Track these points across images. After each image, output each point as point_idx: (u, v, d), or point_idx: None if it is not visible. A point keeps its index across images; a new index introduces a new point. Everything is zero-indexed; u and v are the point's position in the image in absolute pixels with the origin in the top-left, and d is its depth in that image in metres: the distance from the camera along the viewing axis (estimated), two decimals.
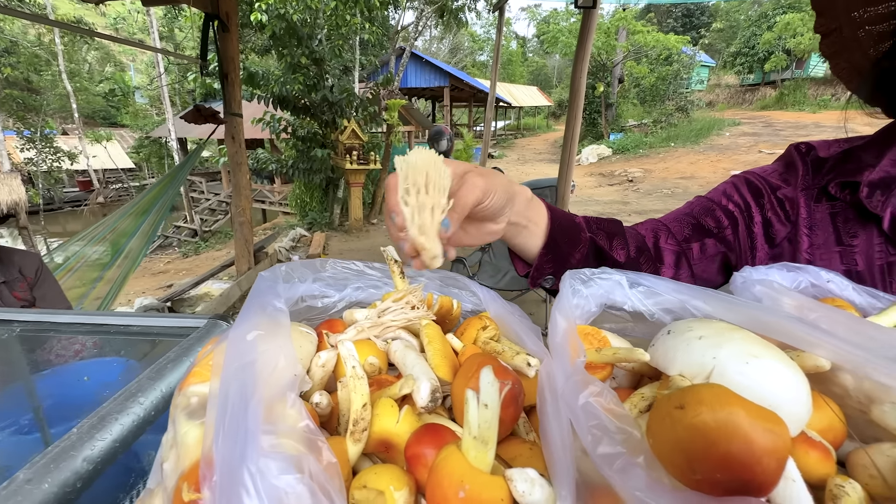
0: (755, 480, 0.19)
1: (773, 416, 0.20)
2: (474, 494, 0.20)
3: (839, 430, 0.30)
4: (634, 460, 0.21)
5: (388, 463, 0.26)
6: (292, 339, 0.28)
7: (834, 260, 0.55)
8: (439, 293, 0.43)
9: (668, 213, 0.68)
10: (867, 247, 0.53)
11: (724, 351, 0.28)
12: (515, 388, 0.27)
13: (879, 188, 0.52)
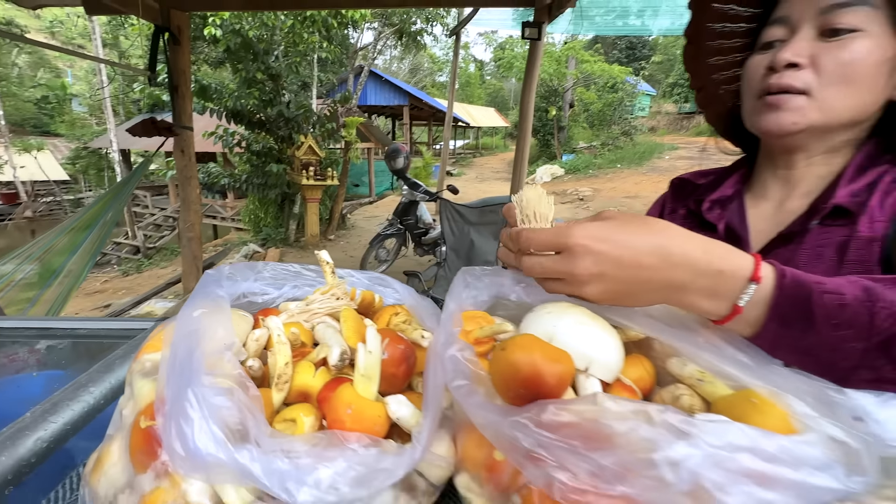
0: (543, 392, 0.28)
1: (560, 354, 0.30)
2: (358, 411, 0.29)
3: (647, 379, 0.41)
4: (476, 388, 0.30)
5: None
6: (231, 318, 0.35)
7: None
8: (365, 289, 0.52)
9: None
10: None
11: (562, 321, 0.39)
12: (407, 350, 0.36)
13: (718, 204, 0.66)
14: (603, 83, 16.39)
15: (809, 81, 0.51)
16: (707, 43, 0.66)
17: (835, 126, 0.53)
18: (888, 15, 0.48)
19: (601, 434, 0.25)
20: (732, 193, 0.66)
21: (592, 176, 13.44)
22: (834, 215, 0.54)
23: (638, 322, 0.41)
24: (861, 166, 0.54)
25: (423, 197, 4.49)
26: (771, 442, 0.25)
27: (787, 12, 0.53)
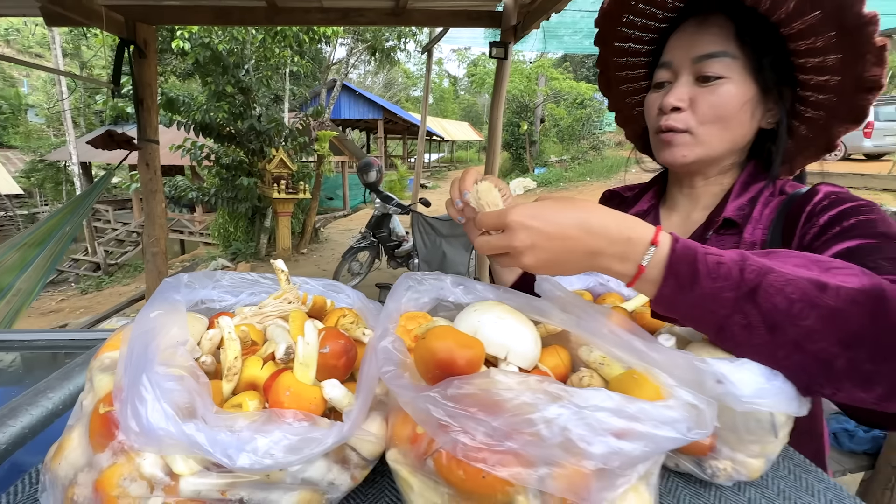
0: (455, 373, 0.34)
1: (471, 341, 0.35)
2: (296, 393, 0.33)
3: (562, 366, 0.47)
4: (402, 373, 0.35)
5: None
6: (187, 320, 0.39)
7: None
8: (318, 294, 0.56)
9: None
10: None
11: (485, 317, 0.44)
12: (347, 345, 0.40)
13: (638, 216, 0.76)
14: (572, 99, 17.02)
15: (690, 122, 0.62)
16: (616, 73, 0.76)
17: (719, 154, 0.64)
18: (746, 63, 0.59)
19: (493, 401, 0.30)
20: (648, 207, 0.76)
21: (563, 188, 13.85)
22: (725, 226, 0.63)
23: (555, 317, 0.47)
24: (745, 183, 0.64)
25: (395, 210, 4.54)
26: (632, 405, 0.32)
27: (670, 58, 0.63)
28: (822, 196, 0.58)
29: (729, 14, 0.59)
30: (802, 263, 0.40)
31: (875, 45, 0.51)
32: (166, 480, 0.29)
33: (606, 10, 0.67)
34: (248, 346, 0.42)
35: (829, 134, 0.62)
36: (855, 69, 0.54)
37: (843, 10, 0.50)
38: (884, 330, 0.36)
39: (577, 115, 17.00)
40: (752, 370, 0.39)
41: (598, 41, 0.74)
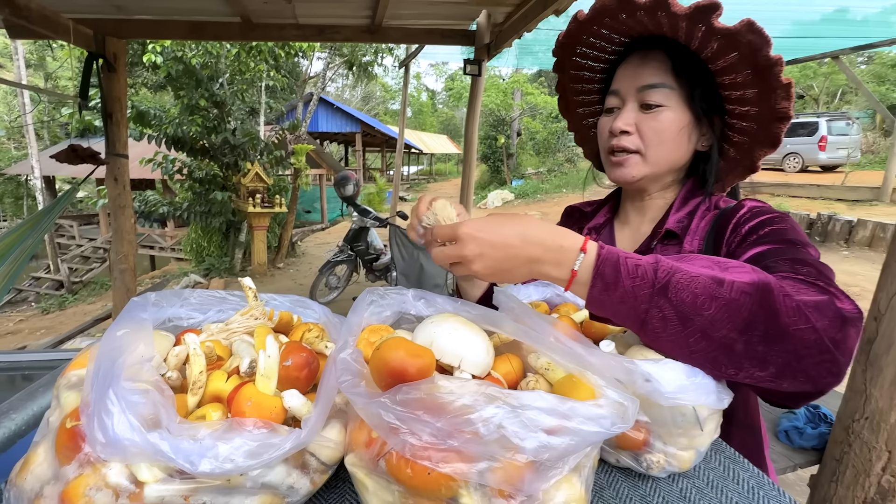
0: (407, 381, 0.37)
1: (422, 351, 0.39)
2: (257, 403, 0.36)
3: (514, 373, 0.50)
4: (358, 381, 0.38)
5: None
6: (153, 337, 0.41)
7: None
8: (284, 310, 0.59)
9: None
10: None
11: (440, 328, 0.48)
12: (309, 357, 0.43)
13: (594, 230, 0.82)
14: (547, 113, 17.51)
15: (638, 144, 0.69)
16: (573, 97, 0.82)
17: (662, 172, 0.72)
18: (682, 94, 0.67)
19: (437, 404, 0.33)
20: (604, 221, 0.83)
21: (541, 200, 14.13)
22: (668, 237, 0.70)
23: (507, 327, 0.51)
24: (684, 199, 0.72)
25: (373, 223, 4.55)
26: (564, 404, 0.36)
27: (618, 87, 0.71)
28: (746, 210, 0.65)
29: (667, 51, 0.66)
30: (705, 264, 0.47)
31: (782, 82, 0.60)
32: (131, 488, 0.31)
33: (562, 41, 0.74)
34: (214, 362, 0.44)
35: (752, 157, 0.70)
36: (769, 102, 0.63)
37: (754, 53, 0.58)
38: (769, 316, 0.42)
39: (552, 128, 17.47)
40: (675, 369, 0.43)
41: (557, 68, 0.81)
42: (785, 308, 0.42)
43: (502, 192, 15.15)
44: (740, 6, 4.69)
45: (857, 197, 8.23)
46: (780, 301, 0.43)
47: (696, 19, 0.58)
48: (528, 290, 0.74)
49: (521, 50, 7.37)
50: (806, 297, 0.43)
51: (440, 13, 3.69)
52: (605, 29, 0.68)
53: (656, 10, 0.59)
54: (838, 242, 6.31)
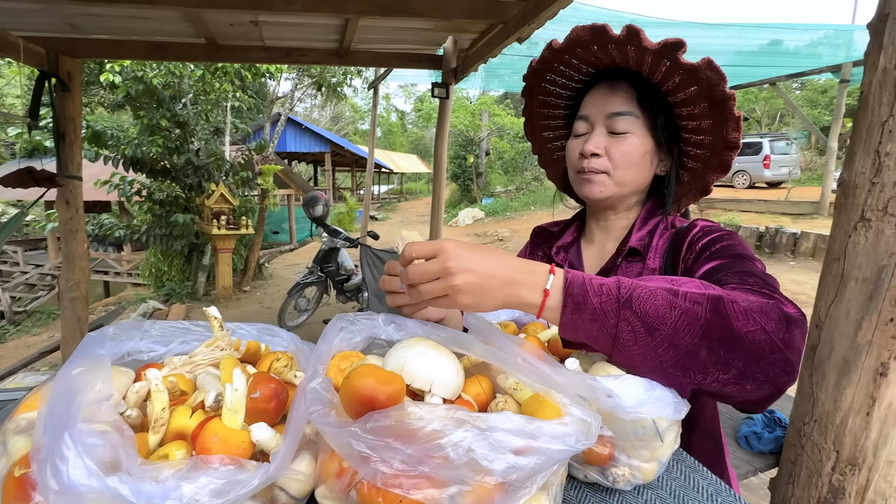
0: (377, 408, 0.37)
1: (392, 377, 0.39)
2: (223, 439, 0.35)
3: (483, 394, 0.51)
4: (328, 411, 0.38)
5: None
6: (112, 374, 0.39)
7: None
8: (252, 339, 0.58)
9: None
10: None
11: (410, 353, 0.48)
12: (277, 388, 0.43)
13: (562, 249, 0.85)
14: (514, 134, 18.06)
15: (607, 165, 0.74)
16: (539, 121, 0.87)
17: (627, 192, 0.77)
18: (646, 122, 0.73)
19: (407, 431, 0.34)
20: (571, 240, 0.87)
21: (510, 218, 14.41)
22: (631, 255, 0.76)
23: (476, 349, 0.52)
24: (644, 219, 0.78)
25: (343, 243, 4.50)
26: (531, 424, 0.37)
27: (587, 112, 0.76)
28: (699, 229, 0.71)
29: (632, 82, 0.73)
30: (660, 282, 0.51)
31: (734, 115, 0.67)
32: None
33: (535, 68, 0.79)
34: (177, 397, 0.43)
35: (705, 181, 0.78)
36: (721, 132, 0.70)
37: (712, 87, 0.65)
38: (723, 322, 0.47)
39: (519, 148, 18.01)
40: (634, 384, 0.46)
41: (525, 93, 0.86)
42: (734, 313, 0.47)
43: (473, 210, 15.37)
44: (687, 38, 5.08)
45: (800, 211, 8.87)
46: (730, 307, 0.47)
47: (662, 55, 0.64)
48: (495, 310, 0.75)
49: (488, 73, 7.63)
50: (752, 303, 0.48)
51: (408, 38, 3.78)
52: (576, 59, 0.74)
53: (627, 44, 0.65)
54: (785, 254, 6.75)
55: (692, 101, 0.69)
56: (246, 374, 0.41)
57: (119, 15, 3.12)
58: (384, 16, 2.69)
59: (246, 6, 2.56)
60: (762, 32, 5.54)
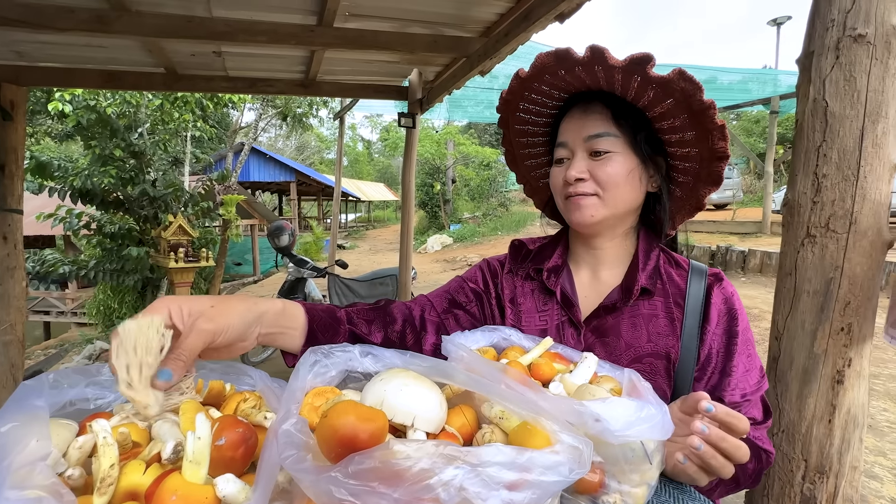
0: (359, 448, 0.34)
1: (374, 414, 0.37)
2: (184, 496, 0.31)
3: (468, 425, 0.49)
4: (304, 455, 0.35)
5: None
6: (50, 428, 0.35)
7: (535, 320, 0.80)
8: (216, 379, 0.53)
9: (434, 290, 0.90)
10: (553, 311, 0.79)
11: (390, 385, 0.46)
12: (246, 433, 0.39)
13: (553, 272, 0.81)
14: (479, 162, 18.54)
15: (595, 188, 0.72)
16: (519, 151, 0.87)
17: (620, 213, 0.74)
18: (626, 140, 0.71)
19: (393, 472, 0.31)
20: (561, 263, 0.82)
21: (478, 243, 14.59)
22: (642, 294, 0.73)
23: (458, 378, 0.50)
24: (647, 252, 0.76)
25: (310, 273, 4.37)
26: (523, 456, 0.35)
27: (565, 138, 0.74)
28: (733, 298, 0.74)
29: (605, 102, 0.71)
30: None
31: (717, 124, 0.66)
32: None
33: (505, 98, 0.78)
34: (129, 450, 0.38)
35: (697, 195, 0.76)
36: (707, 142, 0.68)
37: (688, 98, 0.64)
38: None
39: (484, 175, 18.47)
40: (622, 406, 0.45)
41: (502, 124, 0.84)
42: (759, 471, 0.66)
43: (441, 236, 15.47)
44: None
45: (745, 230, 9.52)
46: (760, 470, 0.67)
47: (631, 71, 0.63)
48: (475, 335, 0.73)
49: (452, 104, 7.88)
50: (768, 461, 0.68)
51: (374, 70, 3.85)
52: (546, 85, 0.72)
53: (593, 64, 0.64)
54: (735, 270, 7.16)
55: (670, 113, 0.67)
56: (210, 419, 0.37)
57: (72, 43, 3.02)
58: (350, 49, 2.74)
59: (209, 37, 2.53)
60: (699, 73, 6.08)
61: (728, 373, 0.69)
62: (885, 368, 4.05)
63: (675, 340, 0.70)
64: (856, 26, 0.98)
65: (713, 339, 0.71)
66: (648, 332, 0.72)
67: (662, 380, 0.70)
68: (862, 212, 1.00)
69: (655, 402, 0.49)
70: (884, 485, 2.49)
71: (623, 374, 0.57)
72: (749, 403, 0.70)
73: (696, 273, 0.75)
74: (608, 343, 0.73)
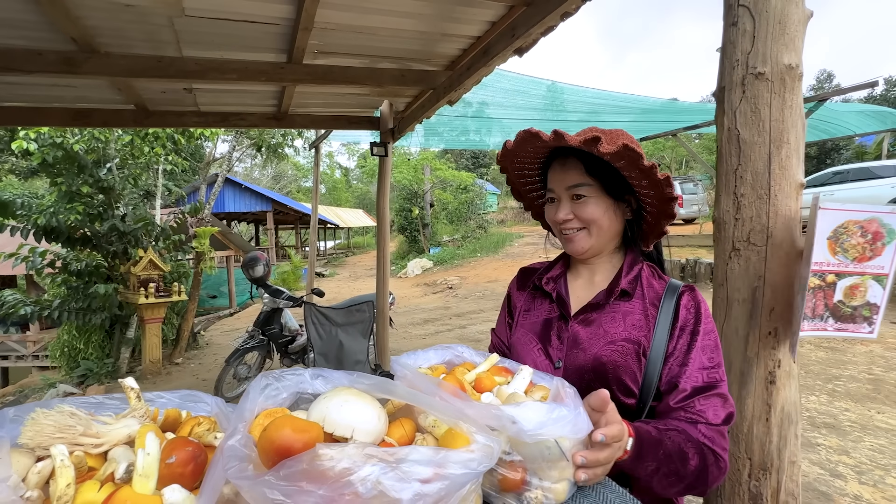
0: (292, 455, 0.39)
1: (308, 426, 0.42)
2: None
3: (406, 436, 0.54)
4: (246, 466, 0.40)
5: None
6: (11, 456, 0.38)
7: (529, 317, 0.98)
8: (173, 407, 0.57)
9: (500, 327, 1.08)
10: (545, 308, 0.97)
11: (332, 402, 0.51)
12: (195, 451, 0.43)
13: (552, 280, 0.98)
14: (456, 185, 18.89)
15: (580, 224, 0.89)
16: (521, 188, 1.04)
17: (605, 241, 0.91)
18: (599, 186, 0.87)
19: (318, 472, 0.36)
20: (559, 273, 1.00)
21: (458, 265, 14.68)
22: (621, 295, 0.88)
23: (398, 393, 0.56)
24: (631, 265, 0.92)
25: (286, 303, 4.34)
26: (438, 454, 0.41)
27: (552, 186, 0.92)
28: (692, 301, 0.86)
29: (579, 157, 0.86)
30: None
31: (661, 177, 0.81)
32: None
33: (500, 160, 0.96)
34: (85, 473, 0.42)
35: (660, 225, 0.92)
36: (658, 189, 0.84)
37: (634, 162, 0.80)
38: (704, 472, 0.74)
39: (462, 198, 18.78)
40: (535, 409, 0.51)
41: (503, 169, 1.01)
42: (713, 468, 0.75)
43: (421, 260, 15.51)
44: (602, 101, 5.66)
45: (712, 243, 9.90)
46: (713, 466, 0.75)
47: (588, 146, 0.77)
48: (427, 354, 0.79)
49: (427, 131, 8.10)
50: (722, 461, 0.75)
51: (345, 102, 3.98)
52: (531, 147, 0.88)
53: (559, 140, 0.79)
54: (705, 282, 7.44)
55: (626, 168, 0.82)
56: (161, 438, 0.42)
57: (39, 83, 3.03)
58: (319, 84, 2.84)
59: (179, 76, 2.59)
60: (662, 100, 6.50)
61: (685, 364, 0.81)
62: (844, 370, 4.25)
63: (648, 332, 0.84)
64: (756, 65, 1.12)
65: (680, 334, 0.83)
66: (625, 324, 0.86)
67: (633, 361, 0.82)
68: (776, 226, 1.11)
69: (573, 405, 0.55)
70: (847, 483, 2.59)
71: (552, 382, 0.64)
72: (701, 399, 0.78)
73: (671, 287, 0.90)
74: (590, 330, 0.88)
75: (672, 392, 0.79)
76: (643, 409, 0.80)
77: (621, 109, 6.71)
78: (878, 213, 0.88)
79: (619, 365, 0.81)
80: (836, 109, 7.07)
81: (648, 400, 0.80)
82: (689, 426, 0.75)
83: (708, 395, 0.78)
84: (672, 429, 0.73)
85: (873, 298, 0.95)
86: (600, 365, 0.82)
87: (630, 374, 0.81)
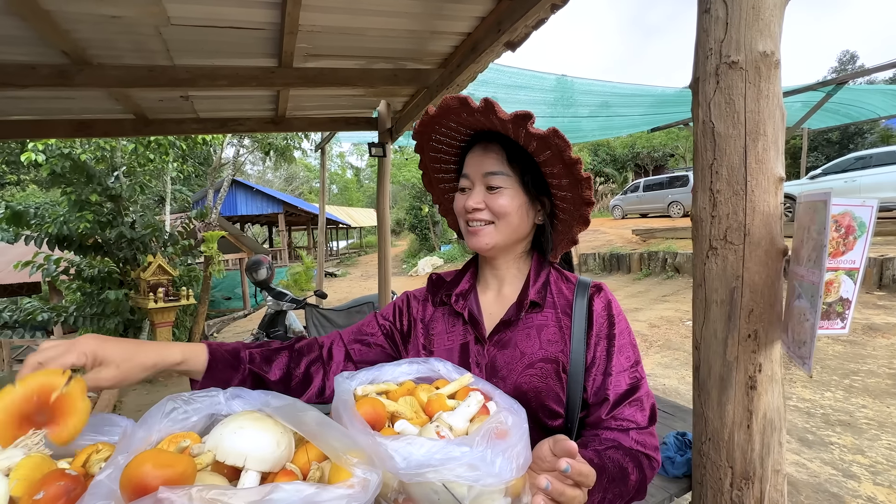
0: (149, 492, 0.38)
1: (175, 460, 0.40)
2: None
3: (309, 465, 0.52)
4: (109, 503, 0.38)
5: None
6: None
7: (444, 340, 0.88)
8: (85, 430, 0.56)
9: (349, 327, 0.96)
10: (459, 331, 0.87)
11: (225, 429, 0.49)
12: (68, 485, 0.42)
13: (461, 297, 0.89)
14: None
15: (490, 216, 0.81)
16: (434, 175, 0.95)
17: (511, 241, 0.84)
18: (516, 179, 0.80)
19: None
20: (468, 287, 0.91)
21: None
22: (531, 307, 0.82)
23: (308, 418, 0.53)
24: (537, 271, 0.85)
25: (290, 306, 4.38)
26: (306, 491, 0.38)
27: (467, 171, 0.84)
28: (604, 301, 0.82)
29: (502, 143, 0.80)
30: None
31: (583, 176, 0.76)
32: None
33: (417, 130, 0.87)
34: None
35: (572, 232, 0.86)
36: (578, 190, 0.79)
37: (561, 153, 0.74)
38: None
39: None
40: (419, 446, 0.46)
41: (418, 150, 0.93)
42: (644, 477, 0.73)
43: (431, 258, 15.51)
44: (613, 92, 5.49)
45: None
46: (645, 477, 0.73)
47: (517, 124, 0.72)
48: (400, 367, 0.74)
49: None
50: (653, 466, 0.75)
51: (342, 104, 3.98)
52: (454, 122, 0.82)
53: (488, 112, 0.73)
54: None
55: (550, 162, 0.78)
56: (31, 475, 0.40)
57: (39, 97, 3.10)
58: (312, 87, 2.84)
59: (171, 85, 2.62)
60: (657, 92, 6.30)
61: (609, 373, 0.77)
62: (863, 364, 4.09)
63: (564, 346, 0.78)
64: (729, 54, 1.06)
65: (597, 342, 0.79)
66: (540, 341, 0.80)
67: (554, 382, 0.77)
68: (754, 223, 1.05)
69: (499, 446, 0.48)
70: (861, 483, 2.48)
71: (517, 414, 0.58)
72: (629, 404, 0.76)
73: (581, 286, 0.84)
74: (507, 354, 0.81)
75: (602, 404, 0.75)
76: (572, 429, 0.75)
77: (634, 101, 6.53)
78: (850, 206, 0.82)
79: (541, 390, 0.76)
80: (860, 90, 6.73)
81: (575, 418, 0.75)
82: (622, 435, 0.73)
83: (633, 399, 0.76)
84: (609, 447, 0.70)
85: (846, 293, 0.89)
86: (521, 394, 0.76)
87: (553, 397, 0.76)
